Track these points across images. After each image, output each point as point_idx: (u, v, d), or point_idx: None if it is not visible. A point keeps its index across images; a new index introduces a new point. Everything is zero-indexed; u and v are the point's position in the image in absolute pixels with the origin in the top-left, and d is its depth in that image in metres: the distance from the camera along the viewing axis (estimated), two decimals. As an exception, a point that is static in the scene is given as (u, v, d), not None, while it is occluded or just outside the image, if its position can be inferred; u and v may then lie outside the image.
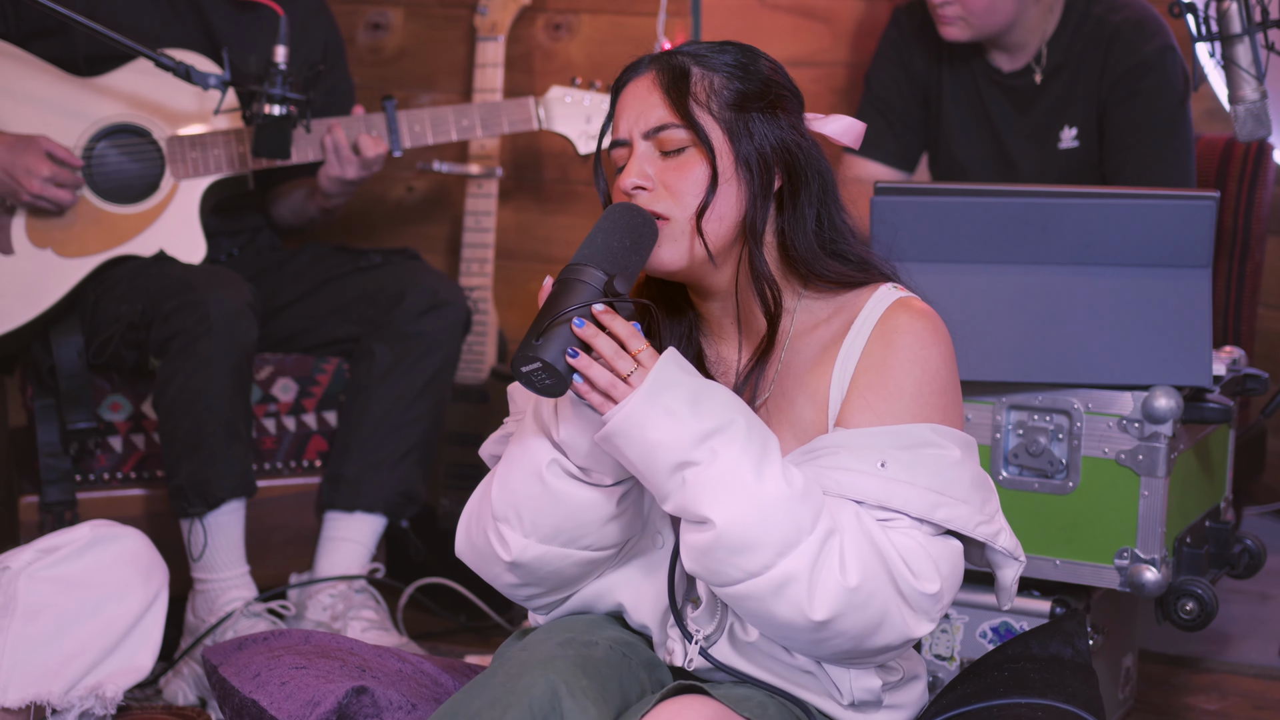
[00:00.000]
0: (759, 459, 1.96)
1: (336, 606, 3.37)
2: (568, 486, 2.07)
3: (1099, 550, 2.81)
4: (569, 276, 2.00)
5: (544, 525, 2.09)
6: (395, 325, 3.46)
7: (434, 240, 4.21)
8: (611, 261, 2.01)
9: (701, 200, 2.07)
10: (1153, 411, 2.75)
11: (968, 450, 2.08)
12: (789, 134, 2.12)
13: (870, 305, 2.12)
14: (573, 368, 1.96)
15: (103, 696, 2.55)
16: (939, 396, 2.08)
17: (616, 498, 2.08)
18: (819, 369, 2.12)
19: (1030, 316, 2.80)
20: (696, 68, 2.11)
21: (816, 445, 2.06)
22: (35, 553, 2.60)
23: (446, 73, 4.17)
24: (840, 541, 1.97)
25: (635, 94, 2.13)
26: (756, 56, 2.16)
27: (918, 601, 2.01)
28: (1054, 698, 2.22)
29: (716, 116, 2.10)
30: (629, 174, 2.10)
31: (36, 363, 3.42)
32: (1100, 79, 3.44)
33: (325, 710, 2.12)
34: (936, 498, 2.03)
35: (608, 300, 1.98)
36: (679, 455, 1.95)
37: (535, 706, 1.92)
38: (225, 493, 3.25)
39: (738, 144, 2.09)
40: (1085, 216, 2.78)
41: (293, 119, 3.33)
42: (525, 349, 1.96)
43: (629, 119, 2.12)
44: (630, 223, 2.06)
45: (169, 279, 3.32)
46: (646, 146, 2.11)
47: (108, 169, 3.46)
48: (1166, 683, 3.33)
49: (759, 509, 1.94)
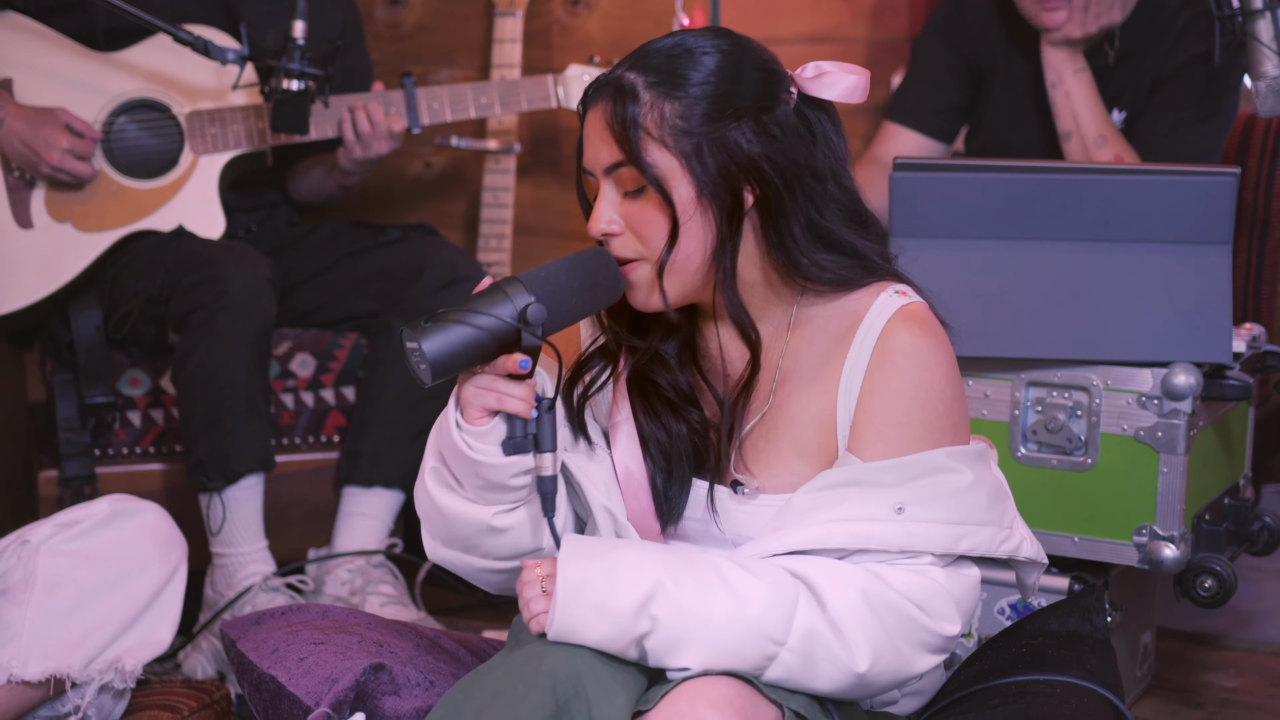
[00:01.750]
0: (699, 597, 1.94)
1: (354, 581, 3.38)
2: (443, 496, 2.08)
3: (1117, 527, 2.81)
4: (499, 285, 1.97)
5: (440, 531, 2.12)
6: (413, 301, 3.46)
7: (452, 216, 4.20)
8: (546, 293, 1.97)
9: (661, 253, 2.01)
10: (1172, 388, 2.74)
11: (981, 464, 2.05)
12: (759, 143, 2.00)
13: (871, 316, 2.06)
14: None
15: (122, 670, 2.55)
16: (946, 416, 2.04)
17: (490, 514, 2.07)
18: (821, 385, 2.07)
19: (1049, 293, 2.79)
20: (649, 93, 1.99)
21: (828, 481, 2.03)
22: (55, 527, 2.61)
23: (465, 48, 4.16)
24: (834, 637, 1.96)
25: (592, 125, 2.04)
26: (738, 57, 2.03)
27: (936, 643, 2.02)
28: (1072, 674, 2.22)
29: (671, 148, 1.99)
30: (596, 218, 2.03)
31: (55, 337, 3.43)
32: (1164, 62, 3.42)
33: (343, 688, 2.12)
34: (958, 529, 2.01)
35: (514, 324, 1.94)
36: (626, 637, 1.94)
37: (559, 689, 1.91)
38: (244, 467, 3.25)
39: (698, 175, 1.99)
40: (1105, 192, 2.77)
41: (311, 94, 3.33)
42: (414, 325, 1.93)
43: (589, 152, 2.05)
44: (591, 269, 2.00)
45: (188, 254, 3.33)
46: (608, 184, 2.04)
47: (127, 144, 3.46)
48: (1185, 660, 3.32)
49: (723, 638, 1.94)
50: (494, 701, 1.91)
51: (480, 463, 2.01)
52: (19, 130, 3.33)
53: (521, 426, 2.00)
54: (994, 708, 2.14)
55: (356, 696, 2.13)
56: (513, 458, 2.01)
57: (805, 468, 2.07)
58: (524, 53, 4.00)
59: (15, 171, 3.39)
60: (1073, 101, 3.37)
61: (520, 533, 2.08)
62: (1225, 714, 3.10)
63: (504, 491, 2.04)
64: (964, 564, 2.05)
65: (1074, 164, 2.92)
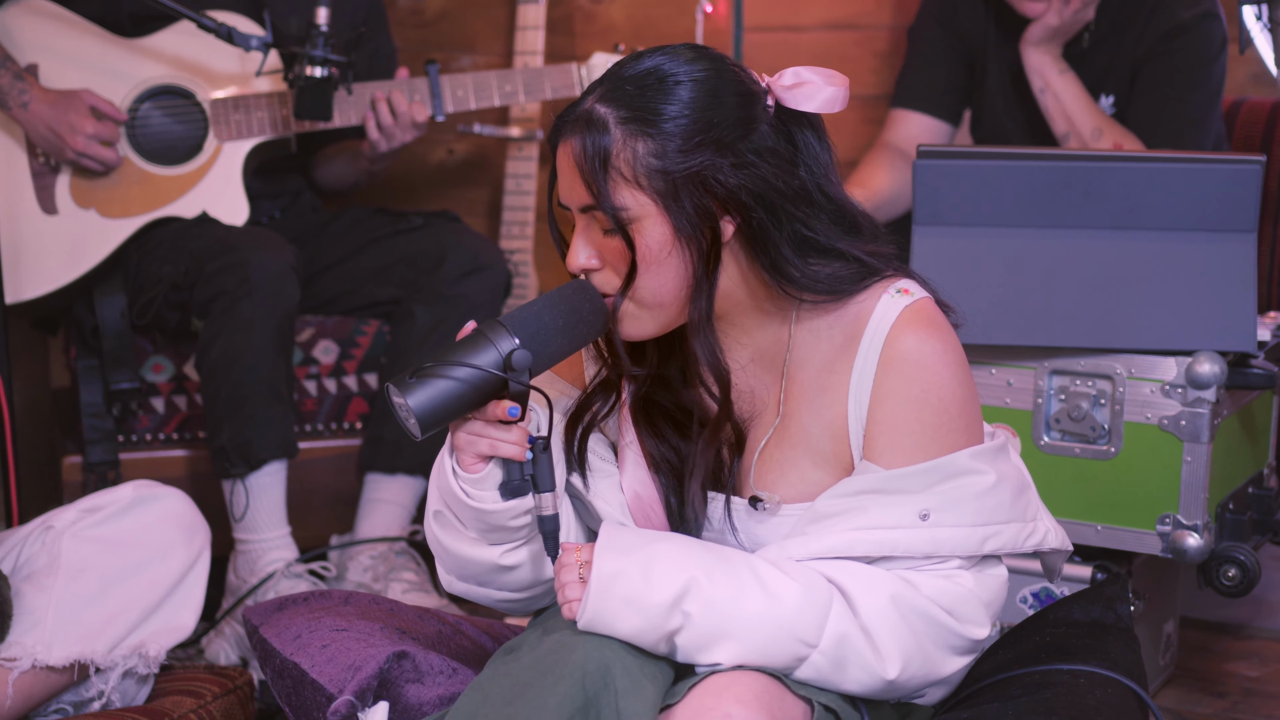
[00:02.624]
0: (734, 594, 1.94)
1: (377, 568, 3.38)
2: (449, 538, 2.08)
3: (1141, 516, 2.80)
4: (483, 331, 1.94)
5: (452, 566, 2.12)
6: (436, 288, 3.46)
7: (475, 203, 4.20)
8: (531, 335, 1.94)
9: (633, 290, 1.97)
10: (1196, 377, 2.74)
11: (1002, 460, 2.04)
12: (736, 175, 1.94)
13: (875, 320, 2.02)
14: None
15: (146, 655, 2.56)
16: (960, 418, 2.03)
17: (497, 554, 2.07)
18: (831, 393, 2.05)
19: (1073, 281, 2.78)
20: (620, 129, 1.94)
21: (852, 488, 2.01)
22: (78, 512, 2.62)
23: (487, 35, 4.16)
24: (864, 643, 1.96)
25: (564, 161, 1.99)
26: (714, 84, 1.96)
27: (966, 646, 2.02)
28: (1095, 663, 2.21)
29: (645, 188, 1.94)
30: (575, 253, 2.00)
31: (80, 323, 3.44)
32: (1138, 43, 3.43)
33: (367, 675, 2.12)
34: (983, 531, 2.01)
35: (499, 374, 1.92)
36: (657, 632, 1.94)
37: (588, 681, 1.90)
38: (267, 454, 3.26)
39: (674, 215, 1.95)
40: (1130, 180, 2.76)
41: (334, 81, 3.33)
42: (399, 381, 1.91)
43: (563, 188, 2.01)
44: (575, 305, 1.97)
45: (212, 240, 3.33)
46: (585, 221, 2.00)
47: (151, 130, 3.47)
48: (1207, 649, 3.32)
49: (755, 637, 1.93)
50: (523, 693, 1.91)
51: (479, 510, 2.01)
52: (44, 114, 3.33)
53: (518, 469, 1.98)
54: (1017, 697, 2.13)
55: (380, 684, 2.13)
56: (511, 501, 2.00)
57: (822, 476, 2.06)
58: (547, 40, 3.99)
59: (41, 157, 3.40)
60: (1063, 102, 3.41)
61: (529, 569, 2.09)
62: (1248, 703, 3.09)
63: (507, 532, 2.04)
64: (991, 564, 2.05)
65: (1098, 152, 2.91)
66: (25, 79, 3.34)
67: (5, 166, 3.38)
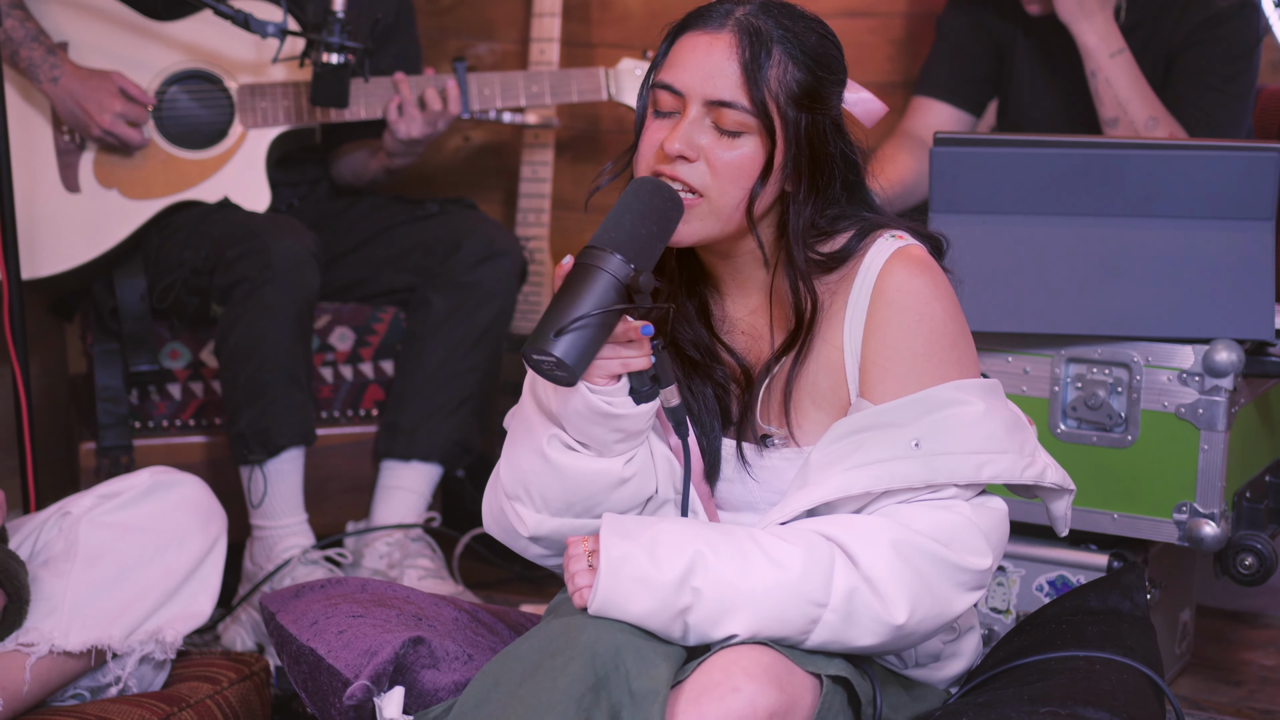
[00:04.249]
0: (740, 566, 1.96)
1: (393, 555, 3.39)
2: (569, 460, 2.08)
3: (1157, 504, 2.80)
4: (591, 263, 1.96)
5: (554, 500, 2.11)
6: (451, 275, 3.46)
7: (490, 190, 4.20)
8: (636, 252, 1.97)
9: (733, 197, 2.04)
10: (1213, 365, 2.73)
11: (993, 395, 2.07)
12: (826, 133, 2.06)
13: (868, 261, 2.09)
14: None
15: (162, 641, 2.56)
16: (951, 350, 2.06)
17: (621, 464, 2.08)
18: (828, 332, 2.10)
19: (1090, 268, 2.78)
20: (779, 48, 2.03)
21: (842, 430, 2.05)
22: (96, 498, 2.62)
23: (504, 22, 4.16)
24: (872, 591, 1.97)
25: (708, 51, 2.04)
26: (829, 40, 2.09)
27: (970, 580, 2.03)
28: (1112, 651, 2.21)
29: (780, 109, 2.03)
30: (676, 138, 2.03)
31: (99, 305, 3.45)
32: (1173, 33, 3.40)
33: (382, 660, 2.13)
34: (978, 458, 2.02)
35: (627, 307, 1.95)
36: (668, 611, 1.96)
37: (598, 661, 1.92)
38: (285, 440, 3.26)
39: (788, 143, 2.04)
40: (1147, 168, 2.76)
41: (350, 68, 3.33)
42: (541, 340, 1.94)
43: (692, 74, 2.04)
44: (659, 206, 2.01)
45: (233, 226, 3.34)
46: (702, 113, 2.04)
47: (178, 114, 3.47)
48: (1224, 638, 3.31)
49: (766, 605, 1.96)
50: (534, 674, 1.92)
51: (624, 416, 2.03)
52: (73, 89, 3.34)
53: (644, 375, 2.03)
54: (1033, 683, 2.14)
55: (395, 669, 2.14)
56: (647, 404, 2.04)
57: (823, 415, 2.10)
58: (563, 27, 3.99)
59: (66, 135, 3.41)
60: (1115, 88, 3.33)
61: (644, 477, 2.10)
62: (1265, 692, 3.09)
63: (638, 437, 2.07)
64: (989, 497, 2.07)
65: (1114, 139, 2.90)
66: (57, 54, 3.34)
67: (31, 142, 3.39)
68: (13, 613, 2.48)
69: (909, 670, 2.17)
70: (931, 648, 2.16)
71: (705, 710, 1.91)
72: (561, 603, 2.11)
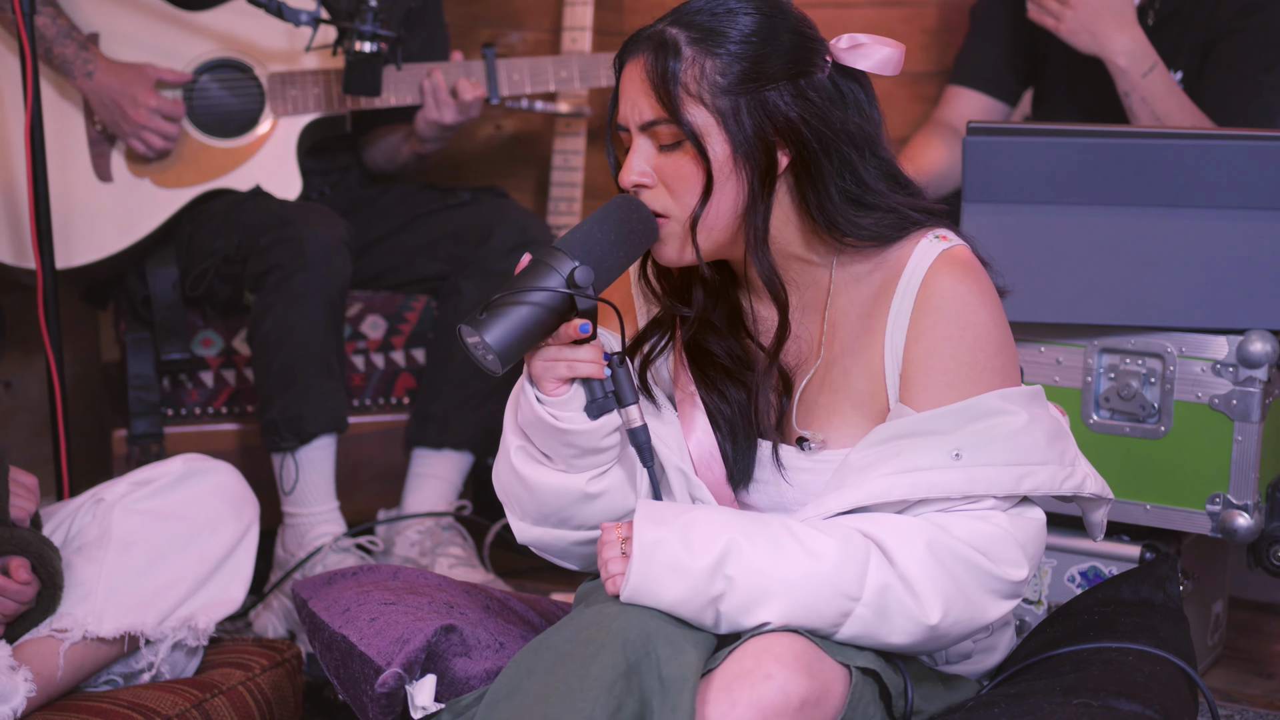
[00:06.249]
0: (774, 555, 1.95)
1: (424, 543, 3.39)
2: (533, 472, 2.09)
3: (1190, 495, 2.79)
4: (541, 258, 1.98)
5: (530, 510, 2.12)
6: (482, 263, 3.46)
7: (522, 179, 4.20)
8: (586, 252, 1.98)
9: (693, 209, 2.03)
10: (1248, 355, 2.72)
11: (1036, 404, 2.05)
12: (796, 106, 2.01)
13: (912, 264, 2.06)
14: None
15: (195, 628, 2.57)
16: (995, 359, 2.04)
17: (584, 481, 2.08)
18: (869, 335, 2.09)
19: (1124, 259, 2.77)
20: (690, 49, 2.01)
21: (883, 435, 2.03)
22: (129, 485, 2.63)
23: (535, 10, 4.15)
24: (906, 589, 1.96)
25: (630, 79, 2.05)
26: (776, 20, 2.04)
27: (1005, 589, 2.02)
28: (1144, 642, 2.21)
29: (709, 106, 2.01)
30: (628, 169, 2.05)
31: (131, 294, 3.46)
32: (1208, 23, 3.37)
33: (414, 648, 2.13)
34: (1018, 470, 2.01)
35: (566, 292, 1.96)
36: (700, 598, 1.95)
37: (629, 648, 1.92)
38: (318, 428, 3.27)
39: (734, 134, 2.01)
40: (1182, 158, 2.74)
41: (383, 56, 3.34)
42: (470, 320, 1.96)
43: (626, 106, 2.06)
44: (623, 218, 2.02)
45: (265, 214, 3.35)
46: (644, 139, 2.05)
47: (209, 102, 3.48)
48: (1256, 630, 3.30)
49: (799, 595, 1.95)
50: (565, 662, 1.92)
51: (570, 431, 2.03)
52: (108, 84, 3.35)
53: (599, 387, 2.02)
54: (1065, 674, 2.13)
55: (427, 657, 2.14)
56: (600, 420, 2.03)
57: (862, 419, 2.09)
58: (595, 15, 3.99)
59: (98, 125, 3.42)
60: (1151, 105, 3.25)
61: (614, 495, 2.10)
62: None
63: (597, 454, 2.06)
64: (1027, 507, 2.06)
65: (1149, 129, 2.89)
66: (89, 49, 3.35)
67: (63, 133, 3.40)
68: (46, 599, 2.49)
69: (941, 666, 2.16)
70: (963, 647, 2.15)
71: (737, 697, 1.91)
72: (590, 590, 2.11)
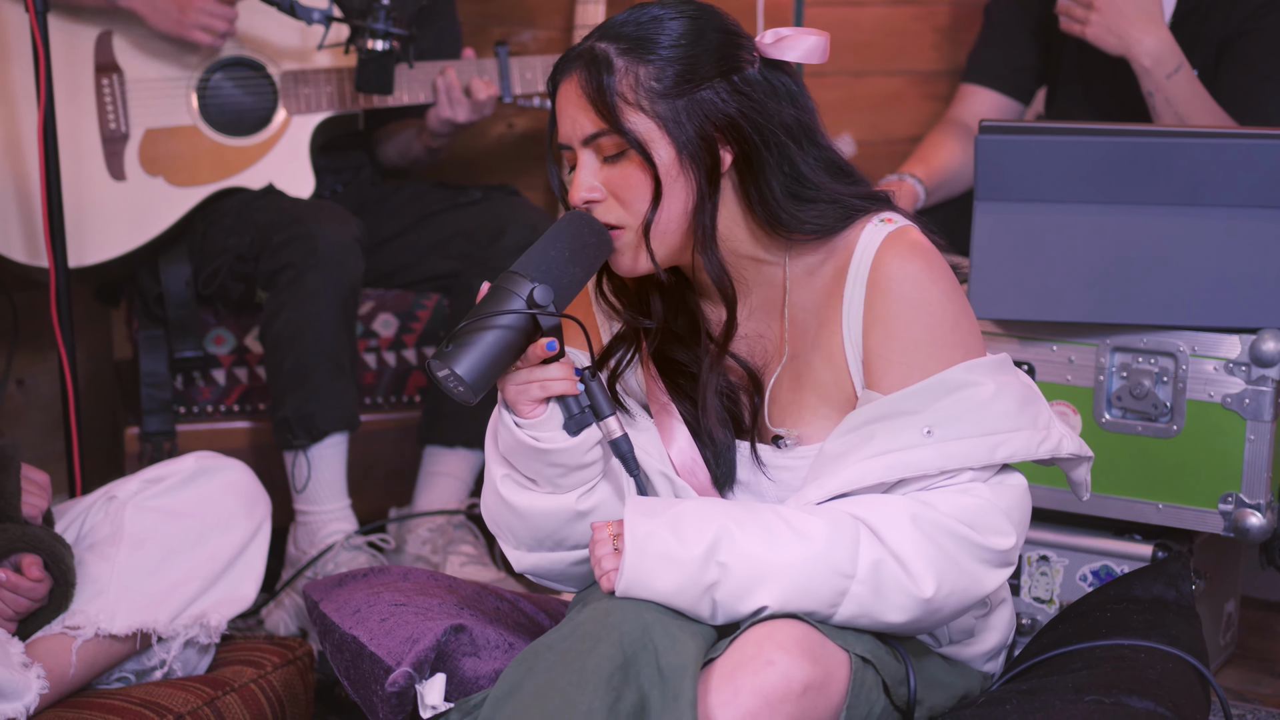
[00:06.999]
0: (766, 539, 1.97)
1: (435, 540, 3.39)
2: (521, 499, 2.10)
3: (1203, 494, 2.79)
4: (499, 284, 1.99)
5: (524, 537, 2.13)
6: (495, 261, 3.46)
7: (534, 177, 4.21)
8: (543, 272, 1.99)
9: (644, 216, 2.05)
10: (1260, 354, 2.72)
11: (1002, 372, 2.06)
12: (734, 101, 2.04)
13: (860, 251, 2.08)
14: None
15: (207, 625, 2.58)
16: (954, 333, 2.06)
17: (574, 499, 2.09)
18: (827, 328, 2.10)
19: (1137, 257, 2.77)
20: (621, 60, 2.03)
21: (854, 422, 2.05)
22: (141, 483, 2.64)
23: (547, 9, 4.15)
24: (898, 564, 1.97)
25: (566, 98, 2.07)
26: (701, 21, 2.07)
27: (995, 559, 2.03)
28: (1157, 640, 2.21)
29: (649, 112, 2.03)
30: (577, 186, 2.06)
31: (144, 292, 3.46)
32: (1225, 21, 3.36)
33: (424, 648, 2.13)
34: (992, 440, 2.02)
35: (527, 312, 1.97)
36: (695, 587, 1.96)
37: (626, 641, 1.93)
38: (330, 426, 3.27)
39: (677, 137, 2.03)
40: (1195, 156, 2.74)
41: (395, 54, 3.34)
42: (438, 354, 1.96)
43: (564, 125, 2.08)
44: (575, 233, 2.03)
45: (278, 212, 3.35)
46: (587, 154, 2.07)
47: (222, 100, 3.49)
48: (1269, 629, 3.30)
49: (794, 577, 1.96)
50: (563, 659, 1.93)
51: (552, 450, 2.04)
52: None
53: (575, 403, 2.04)
54: (1077, 671, 2.13)
55: (437, 657, 2.14)
56: (580, 435, 2.04)
57: (831, 411, 2.11)
58: (606, 13, 3.99)
59: (111, 124, 3.42)
60: (1174, 105, 3.24)
61: (604, 510, 2.11)
62: (1310, 684, 3.08)
63: (582, 470, 2.07)
64: (1008, 474, 2.07)
65: (1161, 127, 2.88)
66: None
67: (77, 131, 3.41)
68: (59, 596, 2.50)
69: (944, 648, 2.17)
70: (964, 624, 2.15)
71: (740, 684, 1.91)
72: (587, 592, 2.13)
